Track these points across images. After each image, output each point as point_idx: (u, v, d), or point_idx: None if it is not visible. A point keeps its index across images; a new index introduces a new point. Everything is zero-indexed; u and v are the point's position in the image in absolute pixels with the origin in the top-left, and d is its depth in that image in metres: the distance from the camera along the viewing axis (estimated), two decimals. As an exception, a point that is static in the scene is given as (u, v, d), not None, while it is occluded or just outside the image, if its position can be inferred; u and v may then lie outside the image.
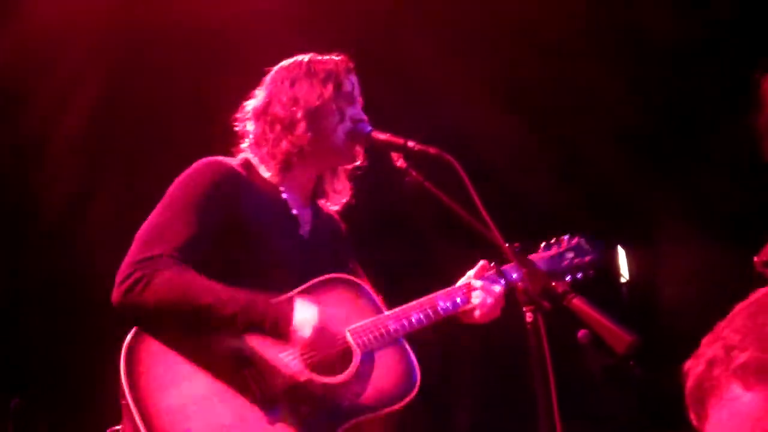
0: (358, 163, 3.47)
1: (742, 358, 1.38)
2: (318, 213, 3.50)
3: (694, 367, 1.46)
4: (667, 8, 6.25)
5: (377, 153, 3.33)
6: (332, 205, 3.56)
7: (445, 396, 3.29)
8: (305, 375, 3.05)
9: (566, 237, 3.72)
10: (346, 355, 3.17)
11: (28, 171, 6.31)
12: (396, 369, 3.24)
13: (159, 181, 3.28)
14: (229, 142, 3.48)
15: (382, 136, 3.26)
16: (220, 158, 3.31)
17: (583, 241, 3.71)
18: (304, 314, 3.02)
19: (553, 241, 3.73)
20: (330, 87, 3.35)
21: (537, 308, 2.75)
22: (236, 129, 3.46)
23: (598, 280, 3.72)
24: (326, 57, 3.46)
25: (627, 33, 6.45)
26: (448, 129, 5.80)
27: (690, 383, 1.47)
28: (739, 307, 1.51)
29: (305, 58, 3.45)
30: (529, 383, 2.70)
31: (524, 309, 2.78)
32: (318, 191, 3.52)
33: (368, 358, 3.20)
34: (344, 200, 3.54)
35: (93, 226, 6.23)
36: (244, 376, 2.99)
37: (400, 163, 3.15)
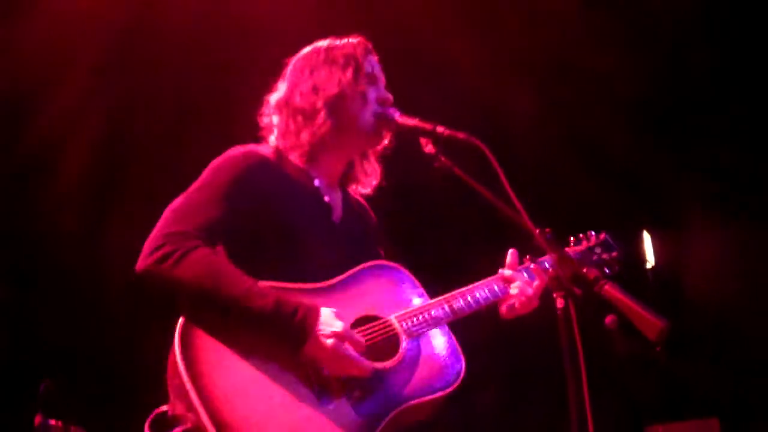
0: (385, 143, 3.44)
1: None
2: (347, 199, 3.50)
3: None
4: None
5: (405, 138, 3.29)
6: (363, 189, 3.54)
7: (473, 381, 3.27)
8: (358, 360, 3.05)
9: (593, 233, 3.72)
10: (393, 340, 3.18)
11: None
12: (441, 355, 3.25)
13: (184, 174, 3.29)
14: (251, 136, 3.48)
15: (410, 122, 3.24)
16: (253, 146, 3.31)
17: (609, 237, 3.71)
18: (331, 326, 3.00)
19: (581, 236, 3.73)
20: (349, 71, 3.33)
21: (568, 294, 2.75)
22: (262, 124, 3.46)
23: (624, 266, 3.72)
24: (344, 41, 3.44)
25: (653, 15, 6.42)
26: (477, 115, 5.80)
27: None
28: None
29: (323, 44, 3.44)
30: (559, 370, 2.69)
31: (555, 295, 2.78)
32: (349, 176, 3.51)
33: (414, 344, 3.21)
34: (375, 183, 3.53)
35: (117, 213, 6.28)
36: (296, 359, 3.00)
37: (428, 148, 3.13)
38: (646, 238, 6.71)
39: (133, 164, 6.41)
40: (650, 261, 6.66)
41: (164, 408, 2.99)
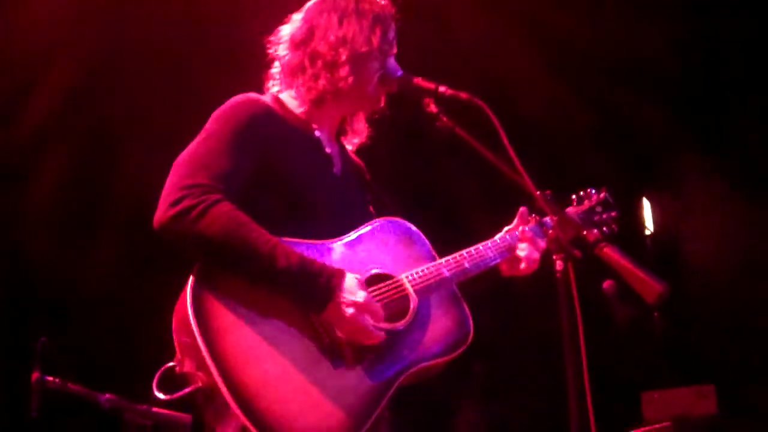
0: (380, 105, 3.38)
1: None
2: (344, 153, 3.46)
3: None
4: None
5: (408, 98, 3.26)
6: (348, 145, 3.49)
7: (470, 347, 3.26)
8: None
9: (593, 191, 3.69)
10: (404, 301, 3.16)
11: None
12: (451, 317, 3.23)
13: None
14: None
15: (413, 80, 3.20)
16: (254, 95, 3.23)
17: (608, 196, 3.68)
18: (353, 294, 2.96)
19: (582, 194, 3.70)
20: (378, 32, 3.26)
21: (567, 257, 2.73)
22: (268, 52, 3.37)
23: (622, 232, 3.71)
24: None
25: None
26: (479, 77, 5.78)
27: None
28: None
29: None
30: (557, 331, 2.69)
31: (554, 257, 2.77)
32: (341, 130, 3.47)
33: (425, 304, 3.19)
34: (360, 140, 3.48)
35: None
36: (312, 322, 2.97)
37: (431, 108, 3.10)
38: (646, 205, 6.71)
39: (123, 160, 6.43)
40: (649, 228, 6.66)
41: (171, 364, 2.93)
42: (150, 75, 6.25)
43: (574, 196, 3.68)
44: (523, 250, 3.38)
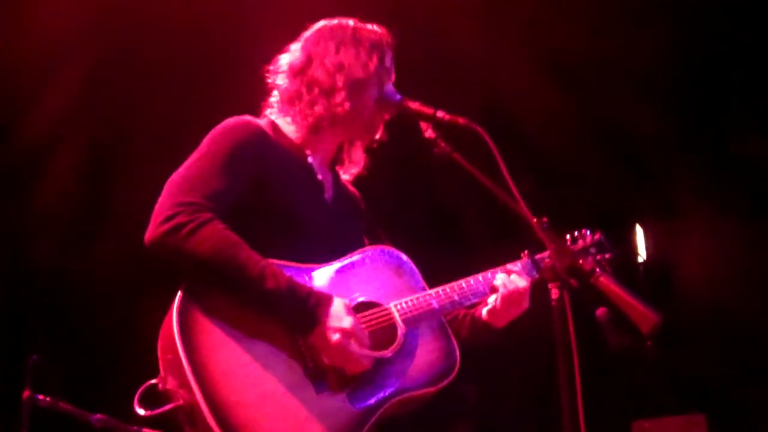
0: (377, 137, 3.41)
1: None
2: (338, 181, 3.47)
3: None
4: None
5: (406, 123, 3.27)
6: (344, 174, 3.51)
7: (461, 373, 3.26)
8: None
9: (588, 232, 3.69)
10: (391, 329, 3.16)
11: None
12: (437, 348, 3.23)
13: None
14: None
15: (411, 105, 3.21)
16: (249, 118, 3.25)
17: (603, 237, 3.68)
18: (340, 321, 2.97)
19: (576, 234, 3.70)
20: (375, 59, 3.29)
21: (563, 285, 2.74)
22: (267, 81, 3.39)
23: (617, 267, 3.71)
24: (370, 26, 3.39)
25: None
26: (480, 100, 5.79)
27: None
28: None
29: (350, 22, 3.38)
30: (552, 361, 2.68)
31: (550, 286, 2.77)
32: (336, 158, 3.48)
33: (412, 334, 3.19)
34: (357, 171, 3.49)
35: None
36: (298, 345, 2.97)
37: (428, 133, 3.11)
38: (639, 231, 6.71)
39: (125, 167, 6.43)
40: (642, 255, 6.66)
41: (154, 381, 2.94)
42: (155, 81, 6.25)
43: (568, 236, 3.66)
44: (498, 281, 3.35)
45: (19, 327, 6.33)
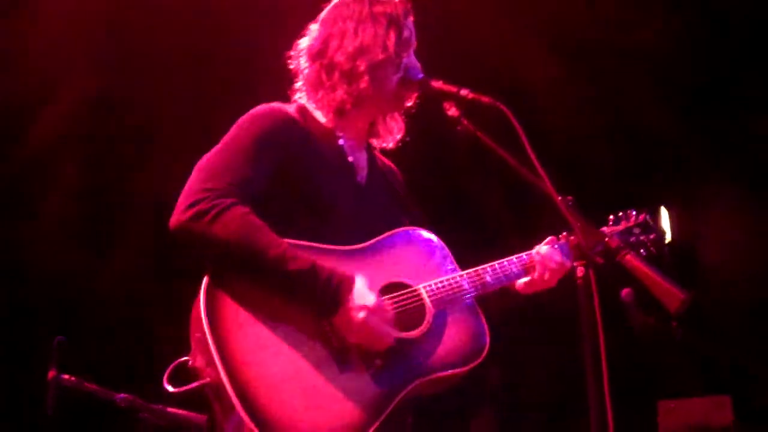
0: (409, 104, 3.38)
1: None
2: (373, 160, 3.45)
3: None
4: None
5: (430, 101, 3.25)
6: (385, 144, 3.47)
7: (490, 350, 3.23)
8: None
9: (633, 212, 3.64)
10: (420, 310, 3.14)
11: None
12: (467, 330, 3.21)
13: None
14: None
15: (434, 84, 3.19)
16: (277, 105, 3.24)
17: (648, 217, 3.63)
18: (363, 299, 2.97)
19: (621, 214, 3.64)
20: (393, 36, 3.24)
21: (589, 263, 2.72)
22: (290, 66, 3.38)
23: (663, 248, 3.67)
24: None
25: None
26: (499, 82, 5.76)
27: None
28: None
29: None
30: (578, 340, 2.67)
31: (575, 264, 2.75)
32: (371, 133, 3.45)
33: (441, 316, 3.18)
34: (398, 137, 3.46)
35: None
36: (322, 325, 2.97)
37: (452, 111, 3.08)
38: (664, 213, 6.66)
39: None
40: (668, 236, 6.61)
41: (185, 359, 2.98)
42: (167, 84, 6.28)
43: (611, 216, 3.62)
44: (546, 266, 3.33)
45: (44, 309, 6.39)
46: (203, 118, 6.00)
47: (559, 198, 2.80)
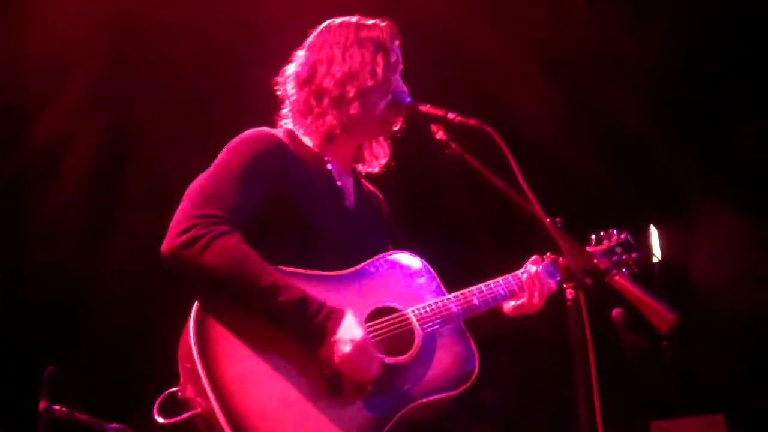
0: (396, 128, 3.40)
1: None
2: (359, 186, 3.47)
3: None
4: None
5: (417, 124, 3.26)
6: (371, 168, 3.49)
7: (479, 377, 3.24)
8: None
9: (614, 231, 3.65)
10: (408, 335, 3.14)
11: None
12: (456, 353, 3.21)
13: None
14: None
15: (421, 108, 3.20)
16: (266, 129, 3.26)
17: (629, 237, 3.65)
18: (350, 333, 2.96)
19: (602, 234, 3.66)
20: (380, 61, 3.26)
21: (578, 285, 2.71)
22: (277, 93, 3.40)
23: (644, 267, 3.69)
24: (372, 22, 3.36)
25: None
26: (485, 102, 5.78)
27: None
28: None
29: (352, 21, 3.35)
30: (568, 361, 2.66)
31: (564, 286, 2.75)
32: (357, 157, 3.47)
33: (430, 339, 3.18)
34: (383, 162, 3.48)
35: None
36: (313, 356, 2.96)
37: (439, 135, 3.09)
38: (653, 232, 6.68)
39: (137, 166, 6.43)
40: (657, 256, 6.62)
41: (174, 389, 2.96)
42: (165, 84, 6.29)
43: (593, 236, 3.64)
44: (533, 287, 3.35)
45: (33, 336, 6.35)
46: (203, 118, 6.05)
47: (548, 220, 2.80)
